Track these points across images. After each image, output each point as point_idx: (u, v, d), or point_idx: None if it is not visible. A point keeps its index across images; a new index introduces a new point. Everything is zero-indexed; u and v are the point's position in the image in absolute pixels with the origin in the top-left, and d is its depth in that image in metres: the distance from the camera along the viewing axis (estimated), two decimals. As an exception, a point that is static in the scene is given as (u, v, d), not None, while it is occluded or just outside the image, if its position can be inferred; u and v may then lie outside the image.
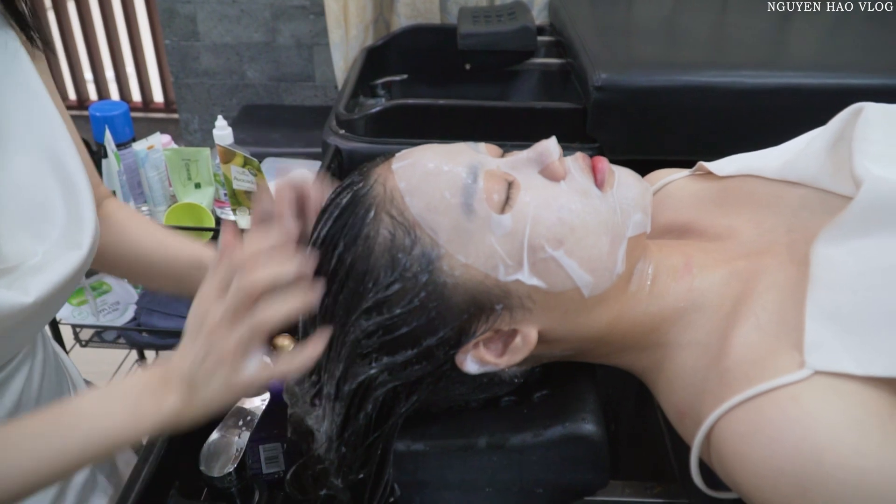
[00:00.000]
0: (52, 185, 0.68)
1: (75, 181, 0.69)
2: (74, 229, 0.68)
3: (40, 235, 0.66)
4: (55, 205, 0.68)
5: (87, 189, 0.69)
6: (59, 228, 0.67)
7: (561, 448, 0.64)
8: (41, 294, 0.63)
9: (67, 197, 0.68)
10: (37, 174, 0.67)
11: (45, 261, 0.65)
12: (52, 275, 0.65)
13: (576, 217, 0.60)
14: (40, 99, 0.69)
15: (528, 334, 0.62)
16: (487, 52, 1.72)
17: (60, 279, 0.65)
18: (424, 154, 0.63)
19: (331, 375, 0.64)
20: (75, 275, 0.67)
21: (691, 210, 0.76)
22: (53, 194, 0.68)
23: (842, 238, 0.59)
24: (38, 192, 0.67)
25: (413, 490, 0.67)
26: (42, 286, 0.64)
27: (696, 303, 0.65)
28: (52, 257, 0.66)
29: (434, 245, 0.60)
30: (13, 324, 0.64)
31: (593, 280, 0.61)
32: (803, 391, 0.54)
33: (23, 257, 0.64)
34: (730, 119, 1.40)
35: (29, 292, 0.63)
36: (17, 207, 0.65)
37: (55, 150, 0.69)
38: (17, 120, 0.67)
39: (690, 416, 0.62)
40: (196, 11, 2.70)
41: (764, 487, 0.54)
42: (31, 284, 0.63)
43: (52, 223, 0.67)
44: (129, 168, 1.60)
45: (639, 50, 1.62)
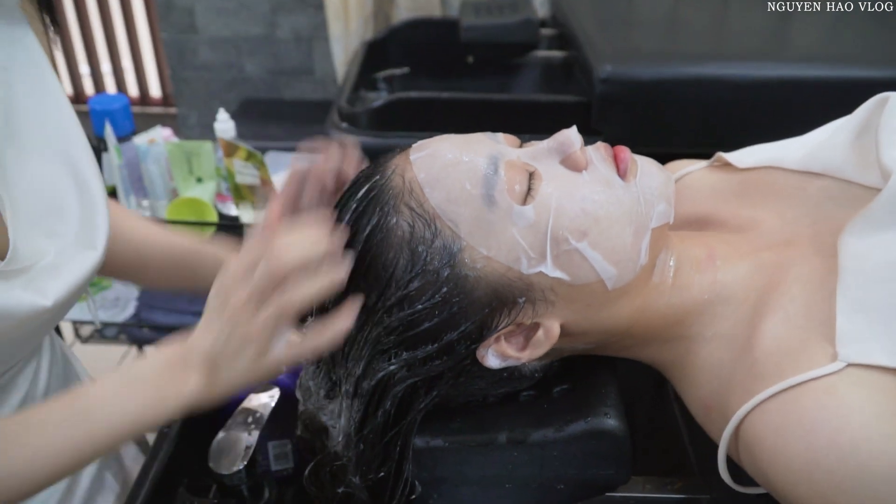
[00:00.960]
0: (67, 186, 0.67)
1: (89, 182, 0.68)
2: (88, 230, 0.67)
3: (54, 235, 0.65)
4: (70, 205, 0.67)
5: (100, 190, 0.69)
6: (73, 228, 0.67)
7: (583, 443, 0.63)
8: (59, 297, 0.62)
9: (82, 197, 0.67)
10: (52, 174, 0.66)
11: (60, 261, 0.64)
12: (68, 277, 0.64)
13: (599, 208, 0.59)
14: (56, 98, 0.68)
15: (551, 328, 0.61)
16: (490, 45, 1.72)
17: (77, 281, 0.64)
18: (442, 144, 0.62)
19: (349, 372, 0.63)
20: (90, 276, 0.67)
21: (710, 202, 0.75)
22: (68, 194, 0.67)
23: (870, 229, 0.58)
24: (54, 192, 0.66)
25: (432, 486, 0.67)
26: (60, 289, 0.63)
27: (721, 295, 0.64)
28: (66, 258, 0.65)
29: (455, 237, 0.59)
30: (32, 327, 0.63)
31: (617, 272, 0.60)
32: (838, 383, 0.53)
33: (36, 257, 0.63)
34: (736, 111, 1.39)
35: (47, 295, 0.62)
36: (32, 207, 0.64)
37: (70, 150, 0.68)
38: (34, 119, 0.66)
39: (717, 410, 0.61)
40: (194, 4, 2.69)
41: (798, 482, 0.53)
42: (49, 287, 0.62)
43: (67, 223, 0.66)
44: (129, 162, 1.59)
45: (643, 42, 1.61)
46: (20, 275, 0.61)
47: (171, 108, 3.24)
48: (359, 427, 0.63)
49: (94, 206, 0.68)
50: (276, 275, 0.56)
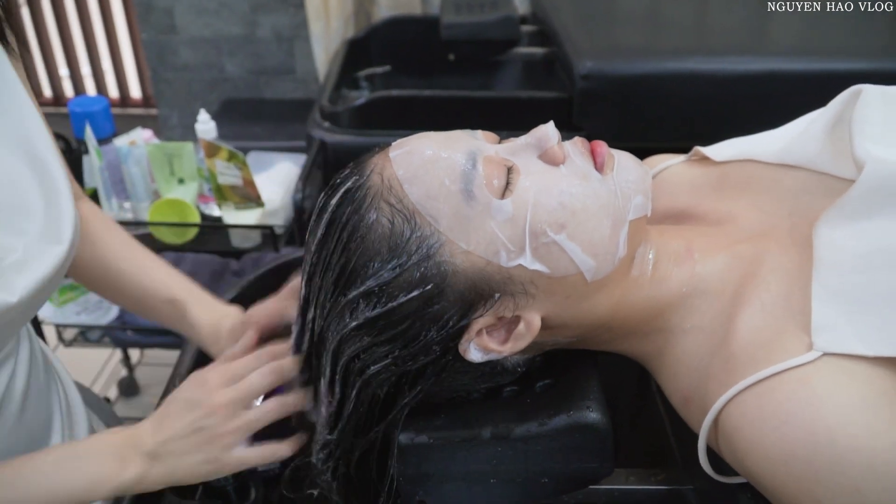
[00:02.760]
0: (29, 180, 0.66)
1: (53, 176, 0.67)
2: (54, 224, 0.67)
3: (18, 230, 0.64)
4: (33, 200, 0.66)
5: (65, 184, 0.68)
6: (37, 223, 0.66)
7: (566, 437, 0.64)
8: (26, 293, 0.62)
9: (46, 192, 0.67)
10: (13, 169, 0.65)
11: (27, 257, 0.63)
12: (35, 272, 0.63)
13: (577, 201, 0.60)
14: (15, 92, 0.68)
15: (532, 320, 0.61)
16: (471, 42, 1.72)
17: (44, 276, 0.64)
18: (422, 142, 0.62)
19: (331, 367, 0.63)
20: (58, 271, 0.66)
21: (689, 195, 0.76)
22: (30, 189, 0.66)
23: (845, 220, 0.59)
24: (14, 187, 0.65)
25: (417, 483, 0.67)
26: (26, 284, 0.62)
27: (699, 288, 0.65)
28: (33, 253, 0.64)
29: (434, 232, 0.59)
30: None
31: (596, 264, 0.60)
32: (813, 373, 0.54)
33: (3, 254, 0.62)
34: (716, 105, 1.41)
35: (14, 291, 0.61)
36: None
37: (31, 144, 0.67)
38: None
39: (696, 402, 0.62)
40: (173, 5, 2.67)
41: (775, 471, 0.54)
42: (16, 283, 0.62)
43: (30, 218, 0.65)
44: (110, 164, 1.58)
45: (623, 38, 1.62)
46: None
47: (152, 109, 3.22)
48: (335, 423, 0.64)
49: (59, 200, 0.67)
50: (255, 394, 0.67)
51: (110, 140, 1.59)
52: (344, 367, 0.62)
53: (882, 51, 1.44)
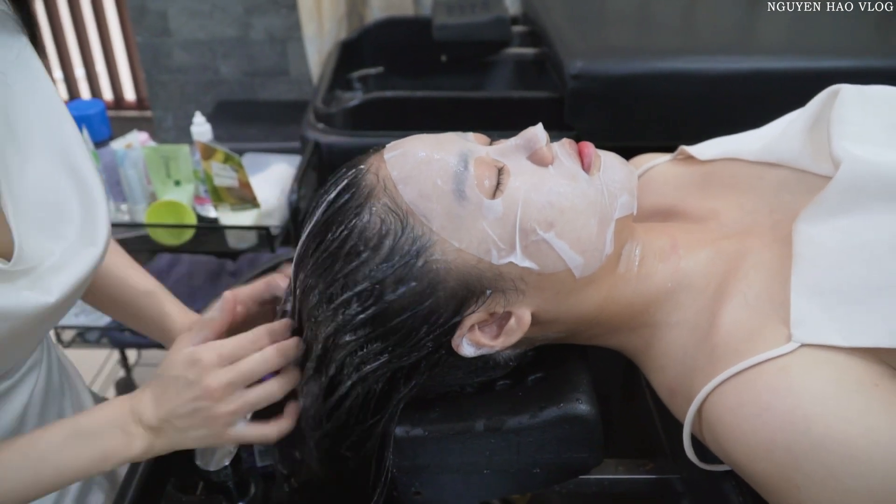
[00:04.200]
0: (68, 185, 0.68)
1: (88, 180, 0.70)
2: (90, 227, 0.69)
3: (58, 235, 0.67)
4: (71, 204, 0.68)
5: (99, 186, 0.70)
6: (75, 227, 0.68)
7: (556, 429, 0.66)
8: (63, 293, 0.64)
9: (82, 195, 0.69)
10: (53, 175, 0.68)
11: (64, 260, 0.66)
12: (71, 273, 0.65)
13: (565, 200, 0.62)
14: (53, 100, 0.70)
15: (522, 316, 0.63)
16: (463, 43, 1.73)
17: (79, 277, 0.66)
18: (415, 143, 0.64)
19: (325, 364, 0.65)
20: (92, 272, 0.68)
21: (674, 194, 0.78)
22: (69, 194, 0.68)
23: (823, 216, 0.61)
24: (55, 193, 0.68)
25: (413, 474, 0.68)
26: (63, 285, 0.64)
27: (683, 283, 0.67)
28: (69, 256, 0.66)
29: (427, 231, 0.61)
30: (35, 324, 0.64)
31: (584, 260, 0.62)
32: (791, 363, 0.56)
33: (41, 258, 0.64)
34: (705, 104, 1.41)
35: (52, 292, 0.63)
36: (35, 209, 0.65)
37: (68, 150, 0.69)
38: (35, 123, 0.67)
39: (681, 393, 0.64)
40: (167, 7, 2.68)
41: (756, 459, 0.56)
42: (53, 284, 0.64)
43: (69, 222, 0.68)
44: (107, 167, 1.59)
45: (613, 37, 1.63)
46: (25, 275, 0.63)
47: (147, 112, 3.23)
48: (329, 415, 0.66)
49: (94, 203, 0.69)
50: (254, 375, 0.65)
51: (106, 143, 1.61)
52: (339, 363, 0.64)
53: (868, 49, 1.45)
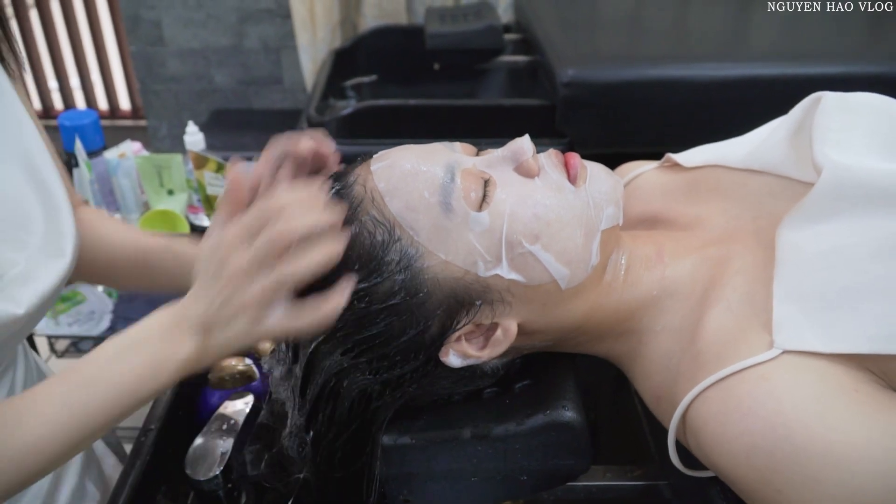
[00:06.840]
0: (29, 195, 0.68)
1: (52, 191, 0.69)
2: (54, 238, 0.68)
3: (19, 245, 0.66)
4: (33, 214, 0.68)
5: (64, 198, 0.70)
6: (38, 237, 0.67)
7: (543, 436, 0.66)
8: (31, 305, 0.64)
9: (46, 206, 0.68)
10: (12, 184, 0.67)
11: (29, 270, 0.65)
12: (39, 285, 0.65)
13: (551, 212, 0.62)
14: (13, 108, 0.69)
15: (509, 327, 0.64)
16: (455, 52, 1.74)
17: (48, 289, 0.66)
18: (402, 155, 0.64)
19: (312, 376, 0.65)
20: (60, 284, 0.68)
21: (660, 201, 0.79)
22: (30, 204, 0.68)
23: (804, 222, 0.62)
24: (15, 202, 0.67)
25: (402, 482, 0.69)
26: (31, 297, 0.64)
27: (668, 290, 0.67)
28: (35, 266, 0.66)
29: (414, 244, 0.61)
30: (4, 336, 0.64)
31: (570, 272, 0.63)
32: (772, 370, 0.56)
33: (6, 267, 0.64)
34: (697, 111, 1.42)
35: (20, 303, 0.63)
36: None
37: (31, 159, 0.69)
38: None
39: (666, 399, 0.64)
40: (161, 17, 2.69)
41: (739, 465, 0.56)
42: (21, 296, 0.63)
43: (31, 232, 0.67)
44: (100, 177, 1.60)
45: (604, 45, 1.64)
46: None
47: (141, 121, 3.24)
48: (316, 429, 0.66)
49: (59, 213, 0.68)
50: (281, 243, 0.55)
51: (100, 153, 1.61)
52: (326, 375, 0.64)
53: (857, 55, 1.47)
